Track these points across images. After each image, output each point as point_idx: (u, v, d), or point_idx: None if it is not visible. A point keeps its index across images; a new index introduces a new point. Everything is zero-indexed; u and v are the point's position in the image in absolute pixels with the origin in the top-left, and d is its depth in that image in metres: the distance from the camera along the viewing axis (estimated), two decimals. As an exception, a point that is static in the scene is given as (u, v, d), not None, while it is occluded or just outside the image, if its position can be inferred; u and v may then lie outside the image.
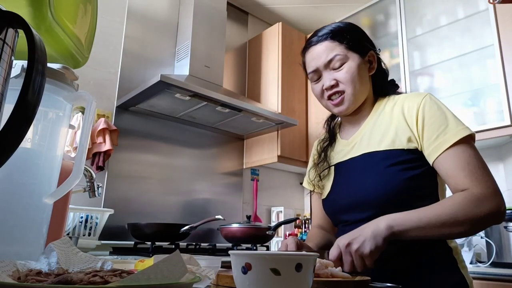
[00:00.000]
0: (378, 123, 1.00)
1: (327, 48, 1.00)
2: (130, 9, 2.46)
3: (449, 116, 0.90)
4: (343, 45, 0.99)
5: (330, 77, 1.00)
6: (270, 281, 0.43)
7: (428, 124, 0.90)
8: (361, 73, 0.99)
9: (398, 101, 0.99)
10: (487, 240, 1.91)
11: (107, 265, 0.48)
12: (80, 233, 1.79)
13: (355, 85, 0.98)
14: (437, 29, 2.46)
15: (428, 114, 0.90)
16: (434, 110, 0.91)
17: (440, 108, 0.91)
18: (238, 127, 2.65)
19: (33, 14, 0.56)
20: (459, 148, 0.85)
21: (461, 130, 0.86)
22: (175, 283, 0.35)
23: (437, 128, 0.88)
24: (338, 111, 1.02)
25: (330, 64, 1.00)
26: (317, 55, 1.02)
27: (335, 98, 1.00)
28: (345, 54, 0.99)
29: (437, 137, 0.87)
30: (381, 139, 0.96)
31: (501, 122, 2.04)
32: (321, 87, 1.02)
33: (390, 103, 1.01)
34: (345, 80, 0.98)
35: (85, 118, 0.61)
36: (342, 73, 0.98)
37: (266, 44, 2.98)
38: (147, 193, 2.31)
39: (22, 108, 0.36)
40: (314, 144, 1.22)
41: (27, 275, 0.38)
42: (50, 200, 0.57)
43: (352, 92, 0.98)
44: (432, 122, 0.89)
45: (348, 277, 0.65)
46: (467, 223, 0.79)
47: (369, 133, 1.00)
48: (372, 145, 0.97)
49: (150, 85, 2.00)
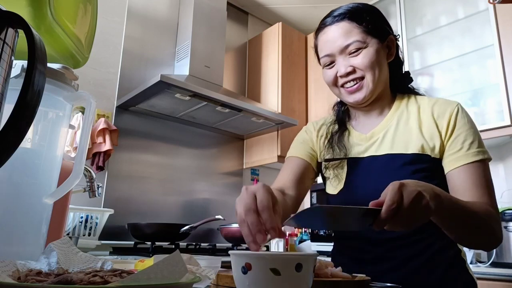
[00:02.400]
0: (403, 123, 0.93)
1: (344, 31, 0.90)
2: (130, 9, 2.46)
3: (477, 133, 0.89)
4: (362, 27, 0.90)
5: (346, 63, 0.90)
6: (270, 281, 0.43)
7: (457, 134, 0.88)
8: (380, 59, 0.90)
9: (425, 105, 0.94)
10: (487, 240, 1.91)
11: (107, 265, 0.48)
12: (80, 233, 1.79)
13: (375, 71, 0.89)
14: (437, 29, 2.46)
15: (459, 124, 0.89)
16: (465, 122, 0.90)
17: (471, 121, 0.91)
18: (238, 127, 2.65)
19: (33, 14, 0.56)
20: (480, 167, 0.85)
21: (485, 153, 0.87)
22: (175, 283, 0.35)
23: (463, 141, 0.87)
24: (353, 100, 0.92)
25: (346, 50, 0.90)
26: (332, 38, 0.92)
27: (351, 86, 0.91)
28: (364, 40, 0.89)
29: (460, 148, 0.86)
30: (409, 141, 0.89)
31: (501, 122, 2.04)
32: (335, 73, 0.92)
33: (413, 104, 0.96)
34: (363, 66, 0.88)
35: (85, 118, 0.61)
36: (360, 58, 0.89)
37: (266, 44, 2.98)
38: (147, 193, 2.31)
39: (22, 108, 0.36)
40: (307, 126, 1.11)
41: (27, 275, 0.38)
42: (50, 200, 0.57)
43: (371, 78, 0.89)
44: (460, 133, 0.88)
45: (348, 277, 0.65)
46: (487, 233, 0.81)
47: (393, 132, 0.93)
48: (398, 147, 0.90)
49: (150, 85, 2.00)
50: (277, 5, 3.11)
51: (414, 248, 0.87)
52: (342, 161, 0.97)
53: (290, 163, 1.05)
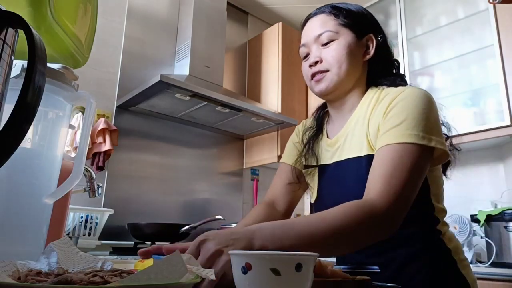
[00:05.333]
0: (360, 123, 0.88)
1: (321, 21, 0.91)
2: (130, 9, 2.46)
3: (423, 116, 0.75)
4: (338, 20, 0.90)
5: (317, 53, 0.90)
6: (270, 281, 0.43)
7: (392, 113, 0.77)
8: (351, 54, 0.87)
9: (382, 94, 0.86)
10: (487, 240, 1.91)
11: (107, 265, 0.48)
12: (80, 233, 1.79)
13: (341, 65, 0.87)
14: (437, 29, 2.47)
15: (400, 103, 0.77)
16: (411, 102, 0.77)
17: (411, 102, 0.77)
18: (238, 127, 2.65)
19: (33, 14, 0.56)
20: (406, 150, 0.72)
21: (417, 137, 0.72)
22: (175, 283, 0.35)
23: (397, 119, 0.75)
24: (318, 90, 0.91)
25: (319, 39, 0.90)
26: (310, 28, 0.94)
27: (317, 75, 0.90)
28: (337, 31, 0.89)
29: (390, 128, 0.75)
30: (362, 141, 0.85)
31: (501, 122, 2.04)
32: (308, 64, 0.92)
33: (375, 99, 0.87)
34: (330, 58, 0.87)
35: (85, 118, 0.61)
36: (329, 50, 0.88)
37: (266, 44, 2.98)
38: (147, 193, 2.31)
39: (22, 108, 0.36)
40: (297, 127, 1.11)
41: (27, 275, 0.38)
42: (50, 200, 0.57)
43: (336, 72, 0.87)
44: (397, 112, 0.77)
45: (348, 277, 0.65)
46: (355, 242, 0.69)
47: (351, 134, 0.89)
48: (354, 149, 0.86)
49: (150, 85, 2.00)
50: (277, 5, 3.11)
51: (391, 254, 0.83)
52: (313, 169, 0.98)
53: (280, 170, 1.06)
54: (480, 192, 2.39)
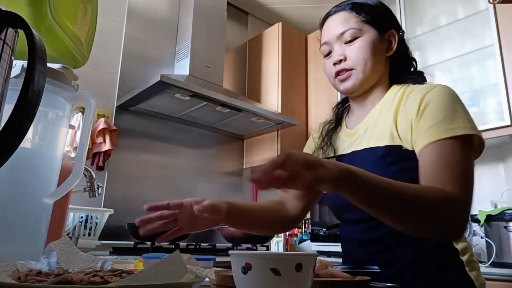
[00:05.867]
0: (384, 115, 0.88)
1: (343, 19, 0.91)
2: (130, 9, 2.46)
3: (459, 110, 0.77)
4: (360, 17, 0.90)
5: (340, 51, 0.90)
6: (270, 281, 0.43)
7: (429, 112, 0.77)
8: (375, 51, 0.88)
9: (410, 92, 0.86)
10: (487, 240, 1.91)
11: (107, 265, 0.48)
12: (80, 233, 1.79)
13: (366, 62, 0.87)
14: (437, 29, 2.46)
15: (431, 103, 0.78)
16: (440, 100, 0.78)
17: (449, 99, 0.79)
18: (238, 127, 2.65)
19: (33, 14, 0.56)
20: (448, 145, 0.73)
21: (465, 128, 0.74)
22: (175, 283, 0.35)
23: (436, 117, 0.76)
24: (344, 88, 0.91)
25: (342, 37, 0.90)
26: (331, 26, 0.93)
27: (342, 74, 0.90)
28: (360, 28, 0.89)
29: (431, 125, 0.76)
30: (384, 133, 0.85)
31: (501, 122, 2.04)
32: (331, 62, 0.92)
33: (401, 93, 0.88)
34: (355, 56, 0.88)
35: (85, 118, 0.61)
36: (353, 48, 0.88)
37: (266, 44, 2.98)
38: (147, 193, 2.31)
39: (22, 108, 0.36)
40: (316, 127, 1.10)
41: (27, 275, 0.38)
42: (50, 200, 0.57)
43: (361, 69, 0.88)
44: (433, 110, 0.77)
45: (348, 277, 0.65)
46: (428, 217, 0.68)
47: (373, 125, 0.89)
48: (374, 140, 0.87)
49: (150, 85, 2.00)
50: (277, 5, 3.11)
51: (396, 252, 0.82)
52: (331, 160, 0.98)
53: None
54: (480, 192, 2.39)
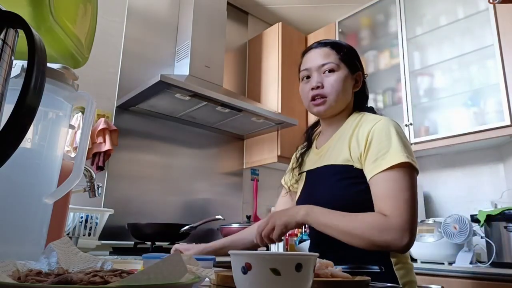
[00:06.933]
0: (342, 138, 1.08)
1: (324, 53, 1.11)
2: (130, 9, 2.46)
3: (394, 142, 0.95)
4: (339, 55, 1.10)
5: (319, 79, 1.09)
6: (270, 281, 0.43)
7: (373, 147, 0.97)
8: (346, 85, 1.09)
9: (362, 121, 1.06)
10: (487, 240, 1.91)
11: (107, 265, 0.48)
12: (80, 233, 1.79)
13: (338, 93, 1.08)
14: (437, 29, 2.46)
15: (375, 138, 0.97)
16: (382, 135, 0.97)
17: (389, 134, 0.97)
18: (238, 127, 2.65)
19: (33, 14, 0.56)
20: (394, 174, 0.92)
21: (399, 157, 0.92)
22: (175, 283, 0.35)
23: (378, 152, 0.95)
24: (317, 111, 1.11)
25: (321, 68, 1.10)
26: (313, 56, 1.12)
27: (317, 99, 1.09)
28: (338, 64, 1.09)
29: (375, 159, 0.95)
30: (340, 153, 1.04)
31: (501, 122, 2.04)
32: (309, 88, 1.10)
33: (356, 121, 1.08)
34: (330, 87, 1.07)
35: (85, 118, 0.61)
36: (330, 79, 1.08)
37: (266, 44, 2.98)
38: (147, 193, 2.31)
39: (22, 108, 0.36)
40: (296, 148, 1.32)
41: (27, 275, 0.38)
42: (50, 200, 0.57)
43: (334, 99, 1.08)
44: (375, 146, 0.96)
45: (348, 277, 0.65)
46: (365, 242, 0.89)
47: (333, 147, 1.09)
48: (332, 158, 1.06)
49: (150, 85, 2.00)
50: (277, 5, 3.11)
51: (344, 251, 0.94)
52: (302, 175, 1.18)
53: (282, 194, 1.31)
54: (480, 192, 2.39)
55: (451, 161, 2.55)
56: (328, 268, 0.64)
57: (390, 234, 0.86)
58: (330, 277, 0.63)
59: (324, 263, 0.65)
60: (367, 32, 2.91)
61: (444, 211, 2.49)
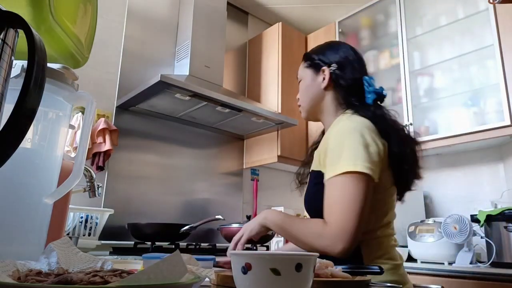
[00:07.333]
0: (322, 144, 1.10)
1: (300, 67, 1.21)
2: (130, 9, 2.46)
3: (347, 149, 0.95)
4: (305, 64, 1.19)
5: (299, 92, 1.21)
6: (270, 281, 0.43)
7: (328, 154, 1.00)
8: (312, 89, 1.15)
9: (333, 124, 1.09)
10: (487, 240, 1.91)
11: (107, 265, 0.48)
12: (80, 233, 1.79)
13: (306, 99, 1.16)
14: (437, 29, 2.46)
15: (331, 145, 1.00)
16: (337, 143, 0.98)
17: (343, 141, 0.97)
18: (238, 127, 2.64)
19: (33, 14, 0.56)
20: (341, 182, 0.93)
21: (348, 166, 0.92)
22: (175, 283, 0.35)
23: (331, 159, 0.98)
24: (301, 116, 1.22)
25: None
26: None
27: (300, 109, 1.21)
28: (302, 73, 1.19)
29: (330, 165, 0.98)
30: (316, 159, 1.09)
31: (501, 122, 2.04)
32: None
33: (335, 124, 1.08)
34: (300, 96, 1.19)
35: (85, 118, 0.61)
36: (300, 90, 1.19)
37: (266, 44, 2.98)
38: (147, 193, 2.31)
39: (22, 108, 0.36)
40: None
41: (27, 275, 0.38)
42: (50, 200, 0.57)
43: (306, 105, 1.17)
44: (329, 153, 1.00)
45: (348, 277, 0.65)
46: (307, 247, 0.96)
47: (317, 152, 1.11)
48: (315, 164, 1.10)
49: (150, 85, 2.00)
50: (277, 5, 3.11)
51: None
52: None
53: None
54: (480, 192, 2.39)
55: (451, 161, 2.55)
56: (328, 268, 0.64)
57: (324, 241, 0.91)
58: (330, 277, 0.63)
59: (324, 263, 0.65)
60: (367, 32, 2.91)
61: (444, 211, 2.49)
